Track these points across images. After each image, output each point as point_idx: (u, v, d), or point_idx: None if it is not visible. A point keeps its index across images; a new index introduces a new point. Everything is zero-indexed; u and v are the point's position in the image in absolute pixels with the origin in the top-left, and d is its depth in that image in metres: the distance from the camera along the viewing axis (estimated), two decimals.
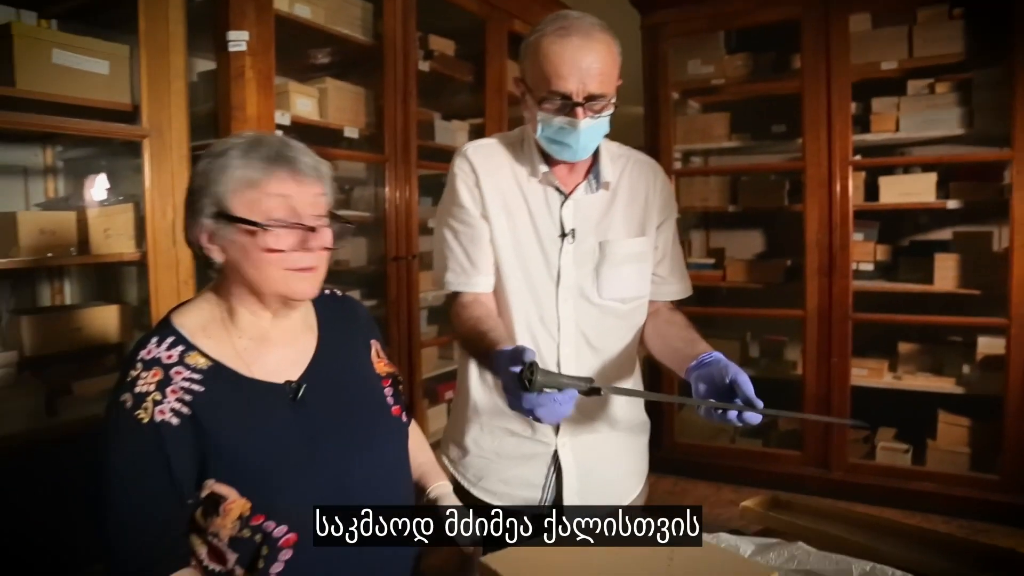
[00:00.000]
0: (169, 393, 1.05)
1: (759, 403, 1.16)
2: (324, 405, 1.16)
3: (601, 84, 1.34)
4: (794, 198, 3.56)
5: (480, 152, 1.49)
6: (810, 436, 3.42)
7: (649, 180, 1.54)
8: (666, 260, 1.57)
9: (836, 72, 3.24)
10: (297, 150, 1.11)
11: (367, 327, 1.33)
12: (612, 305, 1.49)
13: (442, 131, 3.12)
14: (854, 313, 3.30)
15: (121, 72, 1.92)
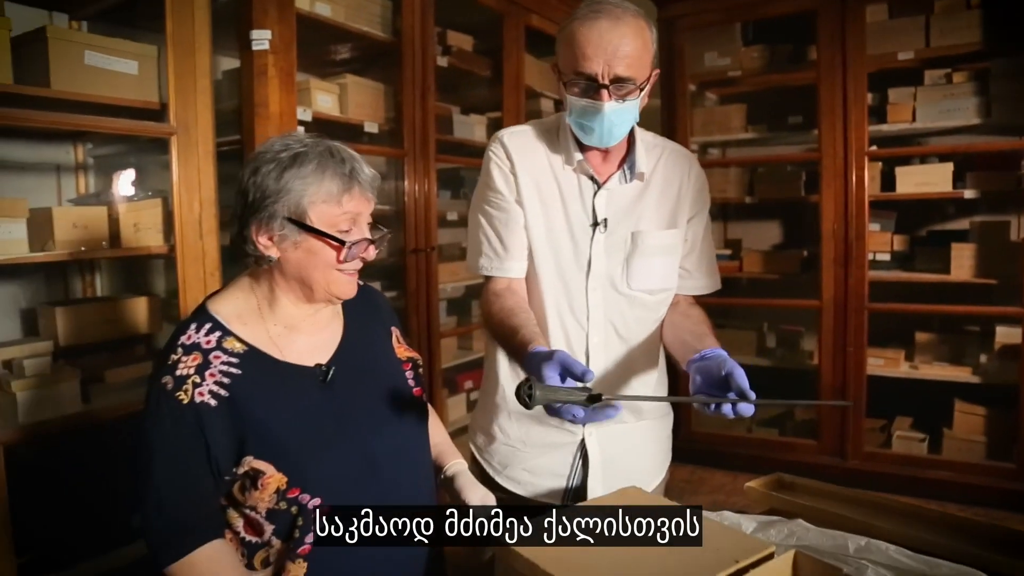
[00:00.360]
0: (207, 376, 1.10)
1: (752, 395, 1.17)
2: (350, 386, 1.22)
3: (628, 68, 1.32)
4: (810, 189, 3.57)
5: (515, 138, 1.49)
6: (826, 425, 3.44)
7: (684, 171, 1.53)
8: (694, 254, 1.55)
9: (852, 63, 3.25)
10: (361, 164, 1.18)
11: (387, 315, 1.39)
12: (640, 296, 1.49)
13: (460, 125, 3.17)
14: (870, 303, 3.32)
15: (149, 71, 1.99)
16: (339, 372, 1.22)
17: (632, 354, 1.53)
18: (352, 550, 1.12)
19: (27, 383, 1.81)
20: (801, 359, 3.69)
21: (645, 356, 1.55)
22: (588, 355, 1.49)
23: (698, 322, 1.49)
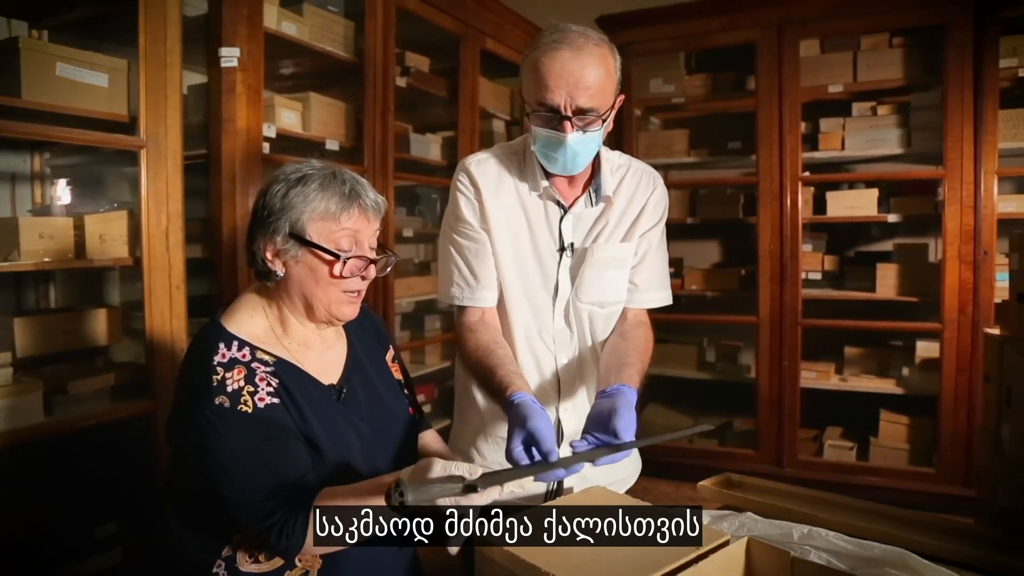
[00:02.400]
0: (259, 382, 1.16)
1: (624, 438, 1.19)
2: (360, 405, 1.30)
3: (591, 98, 1.33)
4: (748, 211, 3.77)
5: (481, 166, 1.51)
6: (764, 435, 3.62)
7: (647, 190, 1.54)
8: (643, 267, 1.55)
9: (788, 93, 3.47)
10: (366, 187, 1.24)
11: (383, 336, 1.45)
12: (591, 309, 1.51)
13: (417, 144, 3.25)
14: (803, 319, 3.52)
15: (119, 84, 2.02)
16: (349, 392, 1.29)
17: (591, 368, 1.54)
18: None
19: None
20: (739, 373, 3.87)
21: (590, 370, 1.56)
22: (558, 376, 1.52)
23: (630, 349, 1.46)
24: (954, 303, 3.23)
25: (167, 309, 2.06)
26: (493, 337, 1.48)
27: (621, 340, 1.50)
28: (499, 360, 1.41)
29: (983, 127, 3.12)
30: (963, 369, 3.23)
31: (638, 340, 1.49)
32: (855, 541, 1.20)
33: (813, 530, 1.24)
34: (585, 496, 1.37)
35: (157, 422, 2.09)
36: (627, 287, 1.55)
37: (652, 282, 1.57)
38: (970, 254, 3.20)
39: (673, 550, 1.10)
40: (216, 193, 2.28)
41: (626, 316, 1.56)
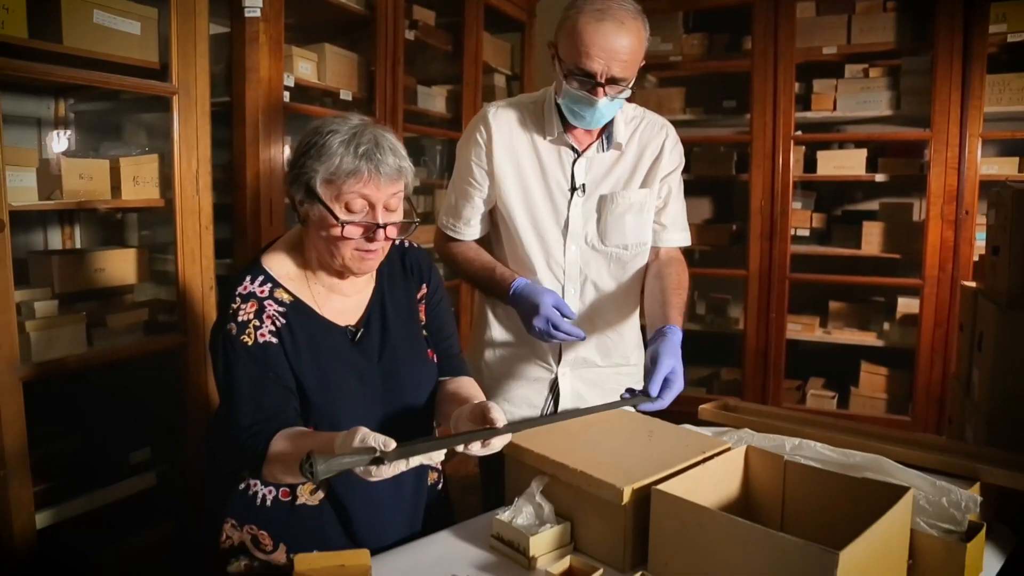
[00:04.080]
0: (265, 319, 1.26)
1: (652, 391, 1.41)
2: (375, 347, 1.36)
3: (624, 70, 1.46)
4: (741, 168, 3.90)
5: (500, 113, 1.66)
6: (750, 385, 3.80)
7: (659, 138, 1.68)
8: (668, 210, 1.72)
9: (783, 54, 3.58)
10: (385, 151, 1.23)
11: (420, 274, 1.46)
12: (616, 252, 1.68)
13: (423, 96, 3.34)
14: (791, 274, 3.68)
15: (150, 32, 2.10)
16: (366, 333, 1.36)
17: (605, 303, 1.73)
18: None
19: (38, 324, 1.92)
20: (728, 324, 4.04)
21: (620, 308, 1.75)
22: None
23: (669, 289, 1.64)
24: (935, 260, 3.39)
25: (197, 249, 2.17)
26: (475, 247, 1.72)
27: (657, 280, 1.68)
28: (492, 260, 1.67)
29: (970, 91, 3.24)
30: (940, 323, 3.41)
31: (672, 277, 1.67)
32: (839, 451, 1.36)
33: (803, 442, 1.40)
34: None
35: (187, 355, 2.22)
36: (653, 228, 1.72)
37: (676, 223, 1.75)
38: (952, 214, 3.35)
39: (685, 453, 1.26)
40: (239, 141, 2.38)
41: (658, 255, 1.74)
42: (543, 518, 1.22)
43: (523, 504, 1.23)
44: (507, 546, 1.21)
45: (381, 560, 1.19)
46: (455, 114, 3.58)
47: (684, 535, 1.07)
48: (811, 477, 1.22)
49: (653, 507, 1.11)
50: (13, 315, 1.78)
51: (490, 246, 1.78)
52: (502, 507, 1.30)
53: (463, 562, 1.21)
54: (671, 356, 1.46)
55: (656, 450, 1.29)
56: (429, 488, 1.46)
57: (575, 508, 1.22)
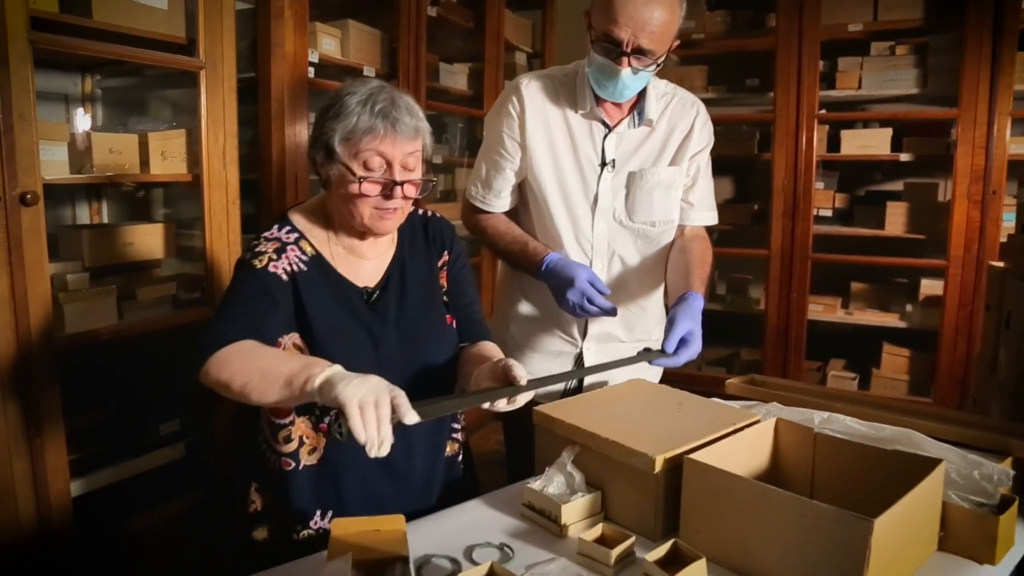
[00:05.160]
0: (282, 258, 1.29)
1: (669, 348, 1.44)
2: (390, 310, 1.37)
3: (652, 41, 1.43)
4: (763, 147, 3.87)
5: (532, 85, 1.65)
6: (770, 365, 3.79)
7: (690, 115, 1.68)
8: (696, 188, 1.72)
9: (807, 31, 3.53)
10: (402, 110, 1.24)
11: (442, 241, 1.47)
12: (643, 228, 1.69)
13: (445, 74, 3.34)
14: (813, 254, 3.65)
15: (177, 7, 2.10)
16: (382, 296, 1.37)
17: (631, 278, 1.74)
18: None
19: (71, 296, 1.96)
20: (749, 304, 4.02)
21: (645, 283, 1.76)
22: None
23: (692, 262, 1.65)
24: (960, 241, 3.35)
25: (224, 223, 2.19)
26: (505, 219, 1.71)
27: (681, 254, 1.69)
28: (523, 233, 1.67)
29: (1000, 69, 3.18)
30: (965, 304, 3.38)
31: (696, 251, 1.68)
32: (869, 424, 1.36)
33: (832, 416, 1.40)
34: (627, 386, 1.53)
35: None
36: (681, 206, 1.72)
37: (704, 201, 1.75)
38: (979, 194, 3.30)
39: (715, 424, 1.26)
40: (265, 116, 2.39)
41: (683, 232, 1.74)
42: (574, 487, 1.23)
43: (554, 473, 1.25)
44: (539, 514, 1.22)
45: (413, 527, 1.20)
46: (476, 91, 3.57)
47: (716, 503, 1.08)
48: (841, 449, 1.22)
49: (685, 476, 1.12)
50: (48, 286, 1.81)
51: (517, 219, 1.78)
52: (532, 477, 1.31)
53: (495, 529, 1.22)
54: (689, 318, 1.48)
55: (686, 421, 1.30)
56: (447, 460, 1.45)
57: (606, 477, 1.23)
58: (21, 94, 1.70)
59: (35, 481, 1.82)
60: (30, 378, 1.78)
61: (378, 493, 1.34)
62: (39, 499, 1.83)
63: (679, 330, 1.45)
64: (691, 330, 1.47)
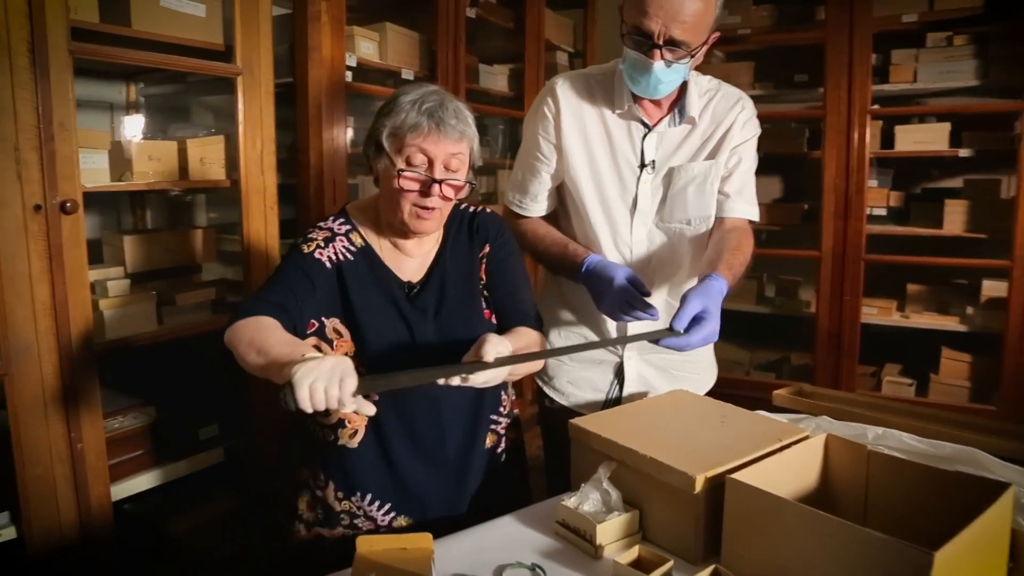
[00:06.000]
0: (329, 246, 1.36)
1: (678, 327, 1.34)
2: (430, 306, 1.39)
3: (684, 32, 1.36)
4: (813, 145, 3.74)
5: (567, 85, 1.60)
6: (821, 370, 3.65)
7: (733, 111, 1.59)
8: (733, 179, 1.61)
9: (859, 23, 3.39)
10: (448, 112, 1.28)
11: (485, 233, 1.46)
12: (679, 228, 1.60)
13: (484, 75, 3.30)
14: (866, 255, 3.51)
15: (215, 14, 2.11)
16: (422, 291, 1.40)
17: (675, 285, 1.67)
18: (406, 421, 1.35)
19: (111, 302, 1.97)
20: (798, 307, 3.89)
21: (688, 286, 1.64)
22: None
23: (723, 247, 1.54)
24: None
25: (262, 229, 2.19)
26: (544, 223, 1.68)
27: (713, 244, 1.60)
28: (563, 236, 1.62)
29: None
30: None
31: (730, 240, 1.57)
32: (927, 442, 1.28)
33: (887, 431, 1.32)
34: (670, 397, 1.47)
35: None
36: (717, 199, 1.62)
37: (742, 193, 1.64)
38: None
39: (760, 440, 1.20)
40: (303, 120, 2.39)
41: (722, 223, 1.63)
42: (610, 505, 1.18)
43: (590, 490, 1.19)
44: (573, 533, 1.17)
45: (443, 543, 1.17)
46: (517, 92, 3.53)
47: (760, 527, 1.02)
48: (897, 469, 1.14)
49: (728, 497, 1.06)
50: (87, 293, 1.83)
51: (557, 223, 1.73)
52: (567, 492, 1.26)
53: (527, 548, 1.18)
54: (702, 296, 1.36)
55: (729, 436, 1.24)
56: (487, 452, 1.45)
57: (644, 496, 1.18)
58: (61, 104, 1.72)
59: (76, 485, 1.84)
60: (71, 384, 1.80)
61: (413, 479, 1.38)
62: (80, 503, 1.85)
63: (691, 308, 1.34)
64: (706, 309, 1.35)
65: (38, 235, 1.71)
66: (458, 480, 1.42)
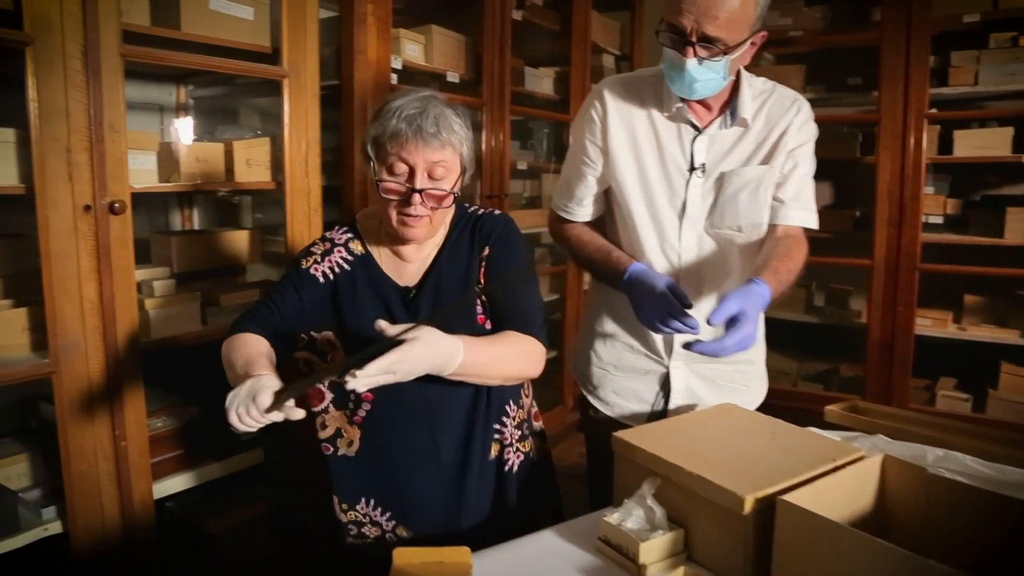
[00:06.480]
0: (325, 260, 1.40)
1: (694, 329, 1.34)
2: (423, 309, 1.38)
3: (719, 28, 1.31)
4: (866, 150, 3.63)
5: (615, 88, 1.57)
6: (872, 382, 3.54)
7: (789, 113, 1.53)
8: (789, 184, 1.55)
9: (917, 24, 3.27)
10: (428, 119, 1.25)
11: (488, 237, 1.41)
12: (730, 234, 1.55)
13: (530, 78, 3.28)
14: (921, 264, 3.39)
15: (263, 17, 2.12)
16: (418, 295, 1.39)
17: (720, 293, 1.59)
18: (399, 426, 1.37)
19: (157, 302, 2.00)
20: (849, 317, 3.78)
21: None
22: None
23: (770, 255, 1.48)
24: None
25: (306, 231, 2.20)
26: (589, 230, 1.65)
27: (763, 252, 1.54)
28: (607, 243, 1.59)
29: None
30: None
31: (780, 247, 1.51)
32: (993, 466, 1.21)
33: (949, 453, 1.25)
34: (718, 412, 1.42)
35: None
36: (772, 205, 1.56)
37: (798, 199, 1.57)
38: None
39: (812, 460, 1.14)
40: (348, 122, 2.39)
41: (775, 231, 1.57)
42: (654, 523, 1.14)
43: (633, 506, 1.15)
44: (614, 550, 1.14)
45: (480, 557, 1.14)
46: (563, 96, 3.50)
47: (813, 552, 0.97)
48: (959, 494, 1.08)
49: (779, 520, 1.01)
50: (134, 292, 1.85)
51: (604, 230, 1.69)
52: (610, 507, 1.22)
53: (567, 564, 1.14)
54: (741, 298, 1.29)
55: (780, 454, 1.18)
56: (492, 463, 1.42)
57: (690, 514, 1.13)
58: (112, 106, 1.74)
59: (119, 482, 1.86)
60: (116, 382, 1.82)
61: (409, 486, 1.38)
62: (123, 499, 1.87)
63: (728, 307, 1.27)
64: (743, 311, 1.28)
65: (87, 235, 1.73)
66: (456, 489, 1.39)
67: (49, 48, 1.62)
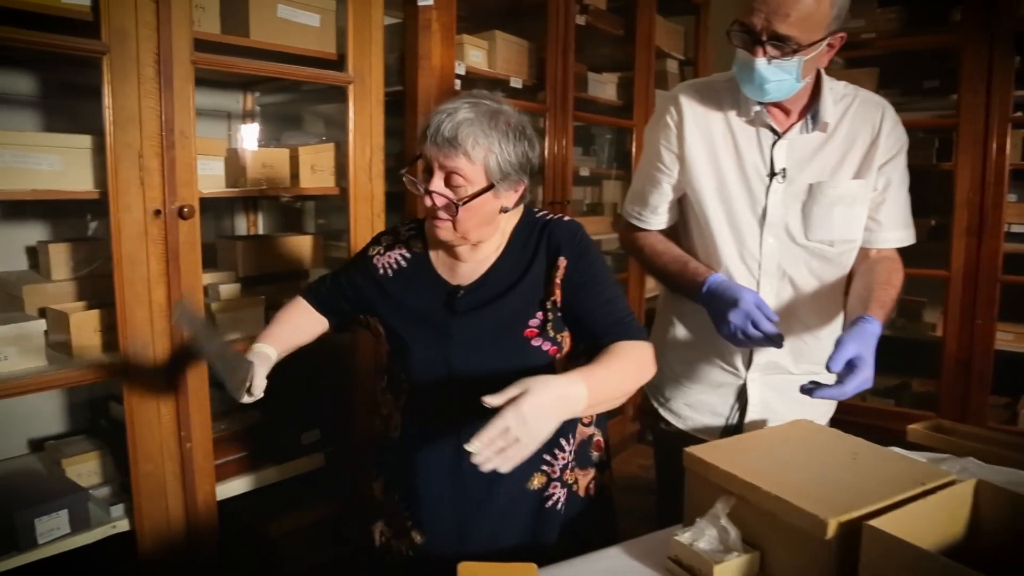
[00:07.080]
0: (387, 254, 1.44)
1: (834, 366, 1.28)
2: (469, 315, 1.34)
3: (791, 27, 1.27)
4: (942, 156, 3.47)
5: (691, 92, 1.53)
6: (947, 398, 3.39)
7: (875, 119, 1.48)
8: (885, 205, 1.51)
9: (1000, 24, 3.13)
10: (446, 126, 1.21)
11: (560, 248, 1.34)
12: (819, 247, 1.50)
13: (594, 84, 3.24)
14: (1003, 275, 3.23)
15: (329, 24, 2.14)
16: (468, 296, 1.35)
17: (804, 304, 1.55)
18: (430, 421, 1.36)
19: (222, 305, 2.02)
20: (923, 330, 3.62)
21: (818, 308, 1.56)
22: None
23: (873, 283, 1.45)
24: None
25: (368, 236, 2.17)
26: (663, 238, 1.62)
27: (862, 277, 1.50)
28: (683, 253, 1.56)
29: None
30: None
31: (881, 273, 1.48)
32: None
33: None
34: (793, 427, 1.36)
35: (357, 342, 2.26)
36: (867, 225, 1.52)
37: (895, 219, 1.52)
38: None
39: (900, 483, 1.08)
40: (412, 129, 2.40)
41: (867, 255, 1.54)
42: (728, 544, 1.09)
43: (706, 526, 1.10)
44: (686, 572, 1.09)
45: (546, 573, 1.10)
46: (626, 101, 3.45)
47: None
48: None
49: (864, 546, 0.95)
50: (201, 296, 1.88)
51: (677, 239, 1.65)
52: (679, 525, 1.17)
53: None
54: (857, 341, 1.29)
55: (863, 476, 1.12)
56: (533, 495, 1.34)
57: (766, 536, 1.08)
58: (183, 112, 1.77)
59: (184, 483, 1.88)
60: (182, 383, 1.84)
61: (431, 483, 1.36)
62: (187, 500, 1.90)
63: (846, 352, 1.27)
64: (860, 355, 1.27)
65: (157, 239, 1.76)
66: (476, 506, 1.33)
67: (124, 57, 1.66)
